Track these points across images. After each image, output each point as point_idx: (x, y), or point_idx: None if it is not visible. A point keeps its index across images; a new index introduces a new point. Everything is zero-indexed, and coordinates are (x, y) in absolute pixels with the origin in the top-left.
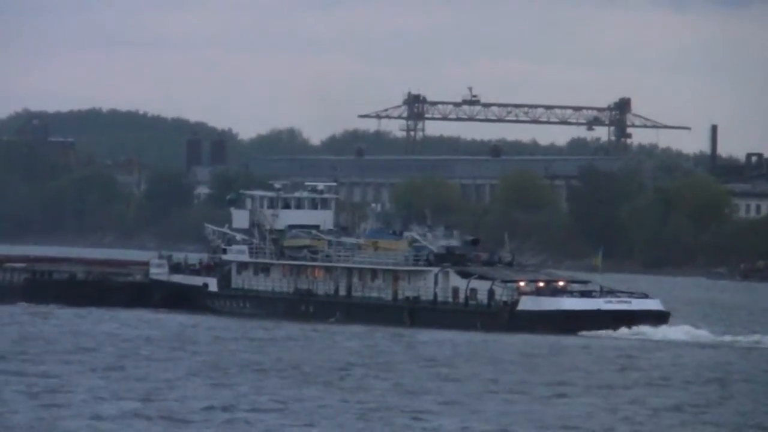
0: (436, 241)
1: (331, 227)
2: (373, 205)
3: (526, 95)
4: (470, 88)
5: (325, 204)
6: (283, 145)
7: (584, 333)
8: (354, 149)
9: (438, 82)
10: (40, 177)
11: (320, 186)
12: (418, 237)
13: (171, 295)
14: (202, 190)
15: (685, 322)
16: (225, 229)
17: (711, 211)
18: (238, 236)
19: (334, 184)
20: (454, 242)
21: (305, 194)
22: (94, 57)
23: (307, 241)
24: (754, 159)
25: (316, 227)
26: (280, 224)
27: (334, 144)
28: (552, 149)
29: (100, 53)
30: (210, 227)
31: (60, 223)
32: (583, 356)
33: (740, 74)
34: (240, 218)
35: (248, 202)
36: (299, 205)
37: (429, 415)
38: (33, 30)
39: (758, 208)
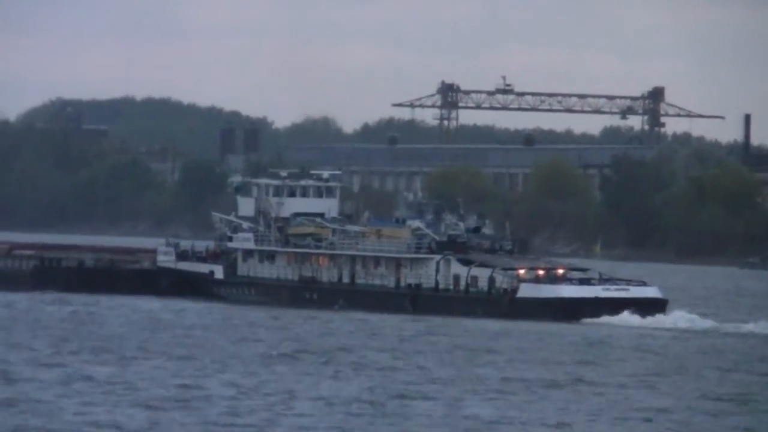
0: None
1: (336, 215)
2: (405, 194)
3: (559, 84)
4: (504, 77)
5: (329, 192)
6: (317, 134)
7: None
8: (387, 138)
9: (472, 71)
10: (73, 165)
11: (325, 174)
12: (420, 225)
13: (178, 283)
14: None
15: (686, 310)
16: (231, 217)
17: (744, 201)
18: (245, 224)
19: (339, 172)
20: (486, 231)
21: (310, 182)
22: (129, 45)
23: (311, 229)
24: None
25: (321, 215)
26: (286, 212)
27: (367, 132)
28: (585, 138)
29: (135, 41)
30: (217, 215)
31: (93, 212)
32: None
33: None
34: (246, 206)
35: (254, 190)
36: (304, 193)
37: None
38: (67, 17)
39: None
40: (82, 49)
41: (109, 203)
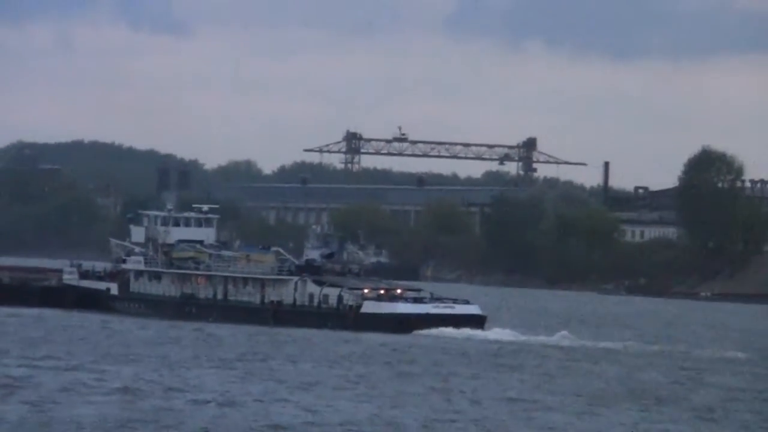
0: (368, 258)
1: (213, 242)
2: (314, 227)
3: (447, 133)
4: (399, 128)
5: (208, 223)
6: (240, 174)
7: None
8: (300, 178)
9: (372, 122)
10: (30, 200)
11: (205, 207)
12: (282, 251)
13: (80, 298)
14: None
15: (501, 326)
16: (126, 243)
17: (603, 236)
18: (137, 248)
19: (217, 206)
20: (383, 259)
21: (192, 214)
22: (80, 95)
23: (192, 254)
24: (640, 191)
25: (201, 242)
26: (171, 239)
27: (283, 173)
28: (469, 181)
29: (85, 91)
30: (114, 241)
31: (47, 240)
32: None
33: (629, 118)
34: (137, 233)
35: (145, 220)
36: (187, 224)
37: None
38: (27, 71)
39: (642, 233)
40: (39, 97)
41: (60, 233)
